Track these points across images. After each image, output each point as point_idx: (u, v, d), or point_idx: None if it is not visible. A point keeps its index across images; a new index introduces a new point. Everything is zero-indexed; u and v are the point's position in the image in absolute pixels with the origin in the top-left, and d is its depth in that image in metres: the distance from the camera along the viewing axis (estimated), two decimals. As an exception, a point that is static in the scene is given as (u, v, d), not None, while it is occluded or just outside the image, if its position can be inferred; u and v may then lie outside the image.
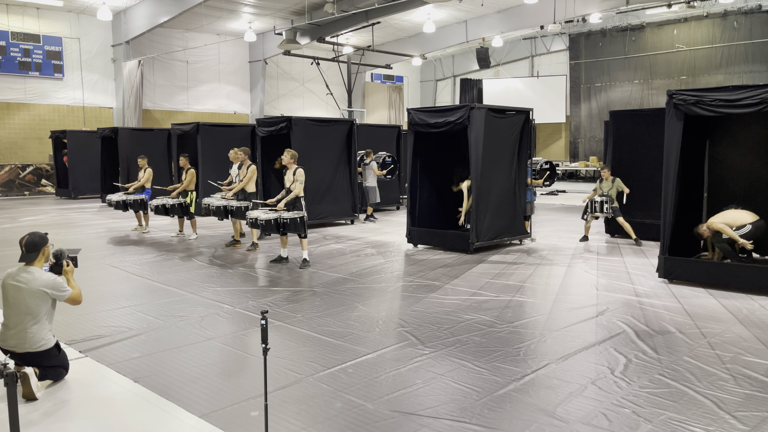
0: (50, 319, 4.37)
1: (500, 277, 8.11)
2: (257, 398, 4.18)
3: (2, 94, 20.98)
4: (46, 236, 4.43)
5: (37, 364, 4.31)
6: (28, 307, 4.21)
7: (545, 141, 30.28)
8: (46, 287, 4.24)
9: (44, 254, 4.38)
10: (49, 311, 4.34)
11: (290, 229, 8.52)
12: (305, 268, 8.62)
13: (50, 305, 4.32)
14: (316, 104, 29.68)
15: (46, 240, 4.41)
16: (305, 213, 8.65)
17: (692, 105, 7.20)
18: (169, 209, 11.21)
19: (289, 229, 8.51)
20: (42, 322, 4.27)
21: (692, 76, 25.47)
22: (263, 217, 8.53)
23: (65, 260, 4.59)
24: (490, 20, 24.82)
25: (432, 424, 3.84)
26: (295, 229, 8.50)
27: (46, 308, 4.29)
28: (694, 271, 7.55)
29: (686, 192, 7.97)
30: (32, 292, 4.21)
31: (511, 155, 10.23)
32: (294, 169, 8.70)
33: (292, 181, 8.67)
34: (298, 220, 8.42)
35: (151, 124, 23.91)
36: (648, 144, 10.78)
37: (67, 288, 4.36)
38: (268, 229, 8.66)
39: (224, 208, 10.09)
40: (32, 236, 4.34)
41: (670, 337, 5.52)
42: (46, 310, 4.30)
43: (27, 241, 4.31)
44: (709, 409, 4.01)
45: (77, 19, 22.37)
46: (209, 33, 24.98)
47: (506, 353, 5.11)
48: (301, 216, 8.48)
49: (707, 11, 24.53)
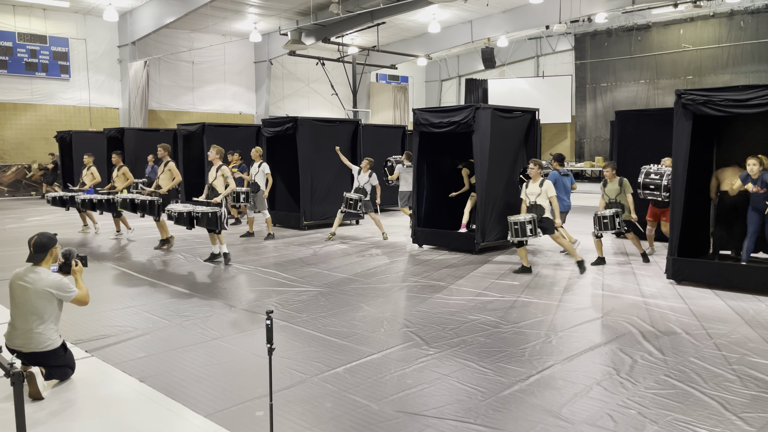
0: (56, 319, 4.38)
1: (505, 277, 8.10)
2: (262, 398, 4.18)
3: (9, 95, 21.07)
4: (54, 237, 4.45)
5: (43, 364, 4.32)
6: (34, 308, 4.22)
7: (550, 141, 30.20)
8: (51, 288, 4.26)
9: (52, 255, 4.39)
10: (56, 312, 4.35)
11: (202, 224, 8.57)
12: (218, 263, 8.83)
13: (56, 306, 4.33)
14: (321, 104, 29.70)
15: (55, 241, 4.42)
16: (223, 210, 8.74)
17: (701, 105, 7.17)
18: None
19: (200, 223, 8.56)
20: (48, 322, 4.28)
21: (698, 76, 25.36)
22: (176, 210, 8.64)
23: (74, 260, 4.59)
24: (496, 20, 24.79)
25: (437, 424, 3.83)
26: (207, 224, 8.57)
27: (52, 309, 4.30)
28: (702, 272, 7.51)
29: (694, 193, 7.93)
30: (38, 292, 4.23)
31: (516, 155, 10.21)
32: (219, 165, 8.92)
33: (215, 177, 8.85)
34: (210, 215, 8.45)
35: (157, 124, 23.99)
36: (654, 144, 10.74)
37: (73, 289, 4.36)
38: (181, 222, 8.70)
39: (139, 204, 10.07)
40: (41, 237, 4.35)
41: (677, 338, 5.50)
42: (52, 311, 4.30)
43: (35, 242, 4.32)
44: (715, 411, 3.99)
45: (83, 20, 22.45)
46: (215, 33, 25.03)
47: (511, 354, 5.10)
48: (215, 212, 8.50)
49: (714, 11, 24.42)
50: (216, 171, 9.00)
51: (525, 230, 7.93)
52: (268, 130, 13.39)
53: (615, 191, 8.92)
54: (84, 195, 11.54)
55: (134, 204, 10.11)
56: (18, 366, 3.80)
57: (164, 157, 10.29)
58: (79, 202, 11.51)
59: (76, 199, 11.62)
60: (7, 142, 21.28)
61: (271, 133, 13.33)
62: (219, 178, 8.96)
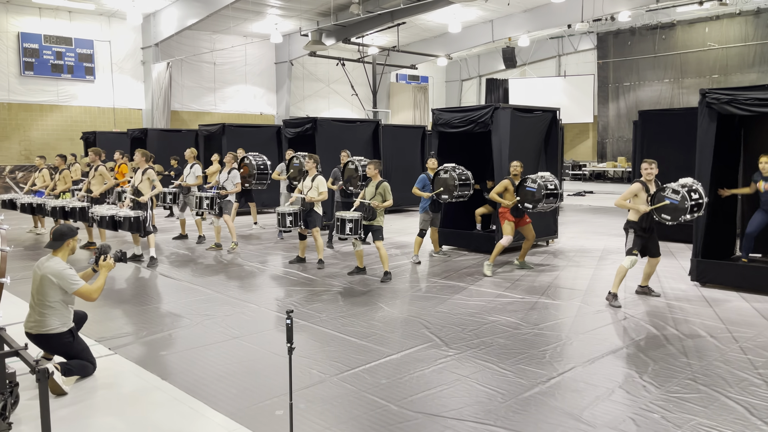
0: (62, 306, 4.48)
1: (525, 278, 8.04)
2: (282, 397, 4.20)
3: (35, 96, 21.47)
4: (75, 230, 4.65)
5: (50, 347, 4.52)
6: (41, 292, 4.42)
7: (572, 141, 29.92)
8: (53, 275, 4.40)
9: (68, 246, 4.55)
10: (62, 299, 4.48)
11: (124, 228, 8.64)
12: (140, 263, 8.96)
13: (59, 293, 4.45)
14: (342, 105, 29.78)
15: (74, 233, 4.61)
16: (147, 213, 8.79)
17: (726, 104, 7.07)
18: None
19: (123, 227, 8.63)
20: (52, 307, 4.42)
21: (724, 75, 24.93)
22: (99, 213, 8.70)
23: (107, 256, 4.72)
24: (517, 19, 24.62)
25: (456, 426, 3.82)
26: (130, 228, 8.65)
27: (55, 295, 4.43)
28: (727, 274, 7.39)
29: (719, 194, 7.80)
30: (44, 278, 4.41)
31: (537, 155, 10.12)
32: (145, 168, 9.02)
33: (140, 180, 8.98)
34: (132, 219, 8.53)
35: (179, 125, 24.26)
36: (678, 144, 10.58)
37: (76, 281, 4.45)
38: (103, 226, 8.76)
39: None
40: (61, 227, 4.60)
41: (701, 341, 5.41)
42: (56, 297, 4.43)
43: (55, 230, 4.57)
44: (740, 415, 3.92)
45: (108, 22, 22.78)
46: (236, 35, 25.24)
47: (531, 356, 5.06)
48: (137, 216, 8.57)
49: (740, 9, 23.99)
50: (142, 174, 9.06)
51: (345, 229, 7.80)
52: (289, 131, 13.46)
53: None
54: (29, 199, 11.19)
55: (65, 212, 9.87)
56: (43, 363, 3.87)
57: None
58: (19, 206, 11.21)
59: (17, 203, 11.29)
60: (34, 142, 21.67)
61: (292, 134, 13.40)
62: (145, 181, 9.05)
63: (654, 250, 6.84)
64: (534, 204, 8.08)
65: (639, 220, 6.67)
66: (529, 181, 8.12)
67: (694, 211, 6.49)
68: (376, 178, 8.05)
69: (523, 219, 8.46)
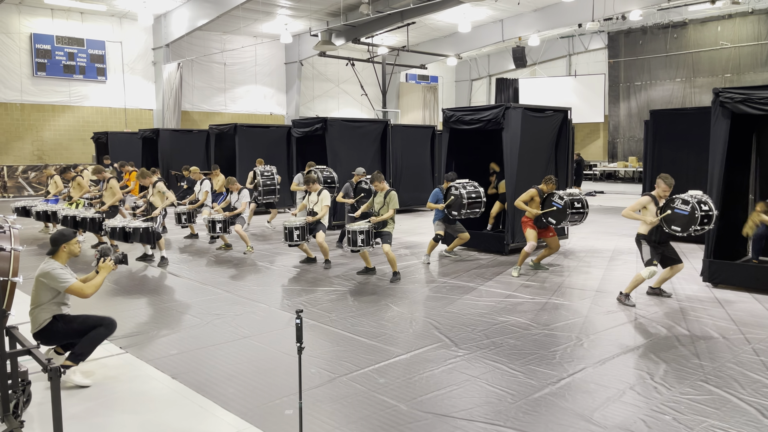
0: (55, 305, 4.57)
1: (535, 278, 8.01)
2: (291, 396, 4.21)
3: (48, 97, 21.66)
4: (71, 234, 4.72)
5: (54, 340, 4.64)
6: (34, 294, 4.56)
7: (583, 141, 29.77)
8: (42, 277, 4.52)
9: (64, 251, 4.63)
10: (54, 300, 4.57)
11: (135, 239, 8.88)
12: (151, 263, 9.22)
13: (49, 292, 4.55)
14: (351, 105, 29.81)
15: (69, 238, 4.68)
16: (156, 225, 9.05)
17: (739, 103, 7.00)
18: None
19: (134, 238, 8.85)
20: (42, 306, 4.53)
21: (737, 74, 24.71)
22: (111, 225, 8.92)
23: (106, 258, 4.76)
24: (527, 19, 24.54)
25: (466, 426, 3.81)
26: (141, 239, 8.86)
27: (46, 295, 4.53)
28: (739, 275, 7.32)
29: (731, 194, 7.73)
30: (36, 280, 4.55)
31: (548, 155, 10.08)
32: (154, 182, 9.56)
33: (152, 194, 9.60)
34: (142, 230, 8.75)
35: (190, 125, 24.39)
36: (690, 144, 10.50)
37: (66, 279, 4.52)
38: (115, 237, 8.97)
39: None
40: (57, 232, 4.71)
41: (713, 342, 5.36)
42: (46, 297, 4.54)
43: (52, 236, 4.69)
44: (753, 417, 3.88)
45: (119, 23, 22.95)
46: (246, 35, 25.34)
47: (542, 356, 5.04)
48: (146, 227, 8.77)
49: (752, 7, 23.78)
50: (152, 188, 9.62)
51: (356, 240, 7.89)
52: (298, 131, 13.50)
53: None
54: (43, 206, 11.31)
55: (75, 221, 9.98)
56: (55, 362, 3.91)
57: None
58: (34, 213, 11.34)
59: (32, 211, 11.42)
60: (46, 142, 21.87)
61: (301, 134, 13.43)
62: (156, 195, 9.55)
63: (675, 257, 6.71)
64: (558, 220, 8.11)
65: (648, 234, 6.59)
66: (557, 197, 8.11)
67: (705, 223, 6.36)
68: (384, 188, 8.17)
69: (547, 231, 8.41)
